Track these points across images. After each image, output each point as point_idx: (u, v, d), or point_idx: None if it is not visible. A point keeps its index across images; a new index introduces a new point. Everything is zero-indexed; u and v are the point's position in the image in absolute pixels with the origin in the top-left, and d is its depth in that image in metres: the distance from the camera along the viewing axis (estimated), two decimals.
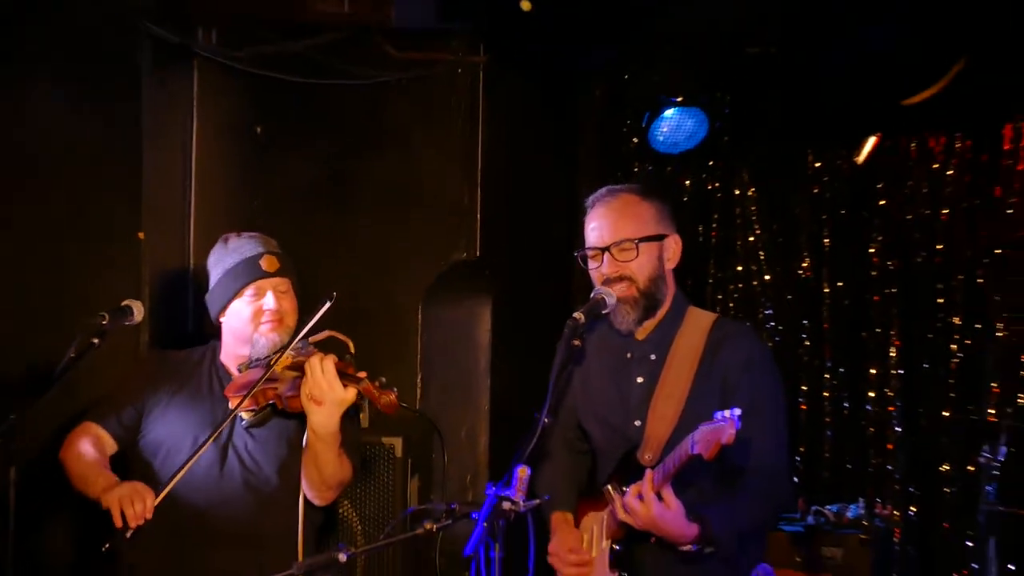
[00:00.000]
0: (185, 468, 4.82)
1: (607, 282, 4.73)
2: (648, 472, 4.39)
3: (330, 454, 4.93)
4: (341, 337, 4.94)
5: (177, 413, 5.14)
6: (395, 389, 4.82)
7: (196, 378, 5.22)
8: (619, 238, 4.69)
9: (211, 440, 4.93)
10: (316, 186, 6.38)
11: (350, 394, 4.80)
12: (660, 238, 4.72)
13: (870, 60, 6.17)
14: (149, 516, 4.86)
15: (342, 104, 6.46)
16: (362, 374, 4.80)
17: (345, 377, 4.76)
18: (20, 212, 5.88)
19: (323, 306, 4.76)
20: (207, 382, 5.21)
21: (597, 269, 4.71)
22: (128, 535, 4.88)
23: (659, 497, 4.37)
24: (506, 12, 5.80)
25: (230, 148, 6.57)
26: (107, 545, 4.88)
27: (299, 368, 4.89)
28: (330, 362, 4.78)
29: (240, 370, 5.16)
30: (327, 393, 4.79)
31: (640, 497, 4.38)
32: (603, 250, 4.69)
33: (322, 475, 4.96)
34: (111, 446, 5.09)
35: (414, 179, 6.41)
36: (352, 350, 4.98)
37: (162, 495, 4.87)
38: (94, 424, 5.17)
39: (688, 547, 4.50)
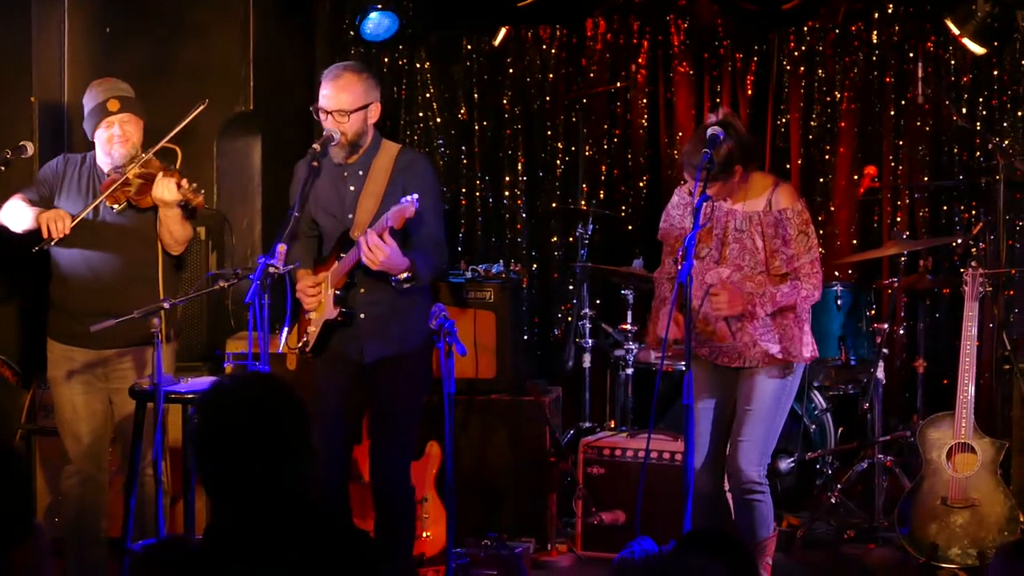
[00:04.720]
0: (79, 218, 5.73)
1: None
2: (371, 228, 5.23)
3: (174, 225, 5.87)
4: (172, 146, 6.02)
5: (72, 198, 5.98)
6: (203, 192, 5.85)
7: (81, 175, 6.02)
8: (338, 107, 5.45)
9: (88, 210, 5.80)
10: (146, 64, 7.27)
11: (178, 197, 5.75)
12: (366, 107, 5.49)
13: None
14: (67, 232, 5.73)
15: (161, 11, 7.56)
16: (184, 181, 5.77)
17: (179, 188, 5.75)
18: None
19: (195, 110, 5.86)
20: (87, 178, 6.01)
21: (324, 122, 5.51)
22: (53, 243, 5.77)
23: (382, 240, 5.18)
24: None
25: (90, 41, 7.52)
26: (35, 249, 5.79)
27: (146, 177, 5.79)
28: (170, 177, 5.77)
29: (108, 174, 5.94)
30: (167, 195, 5.78)
31: (374, 237, 5.20)
32: (328, 112, 5.49)
33: (173, 237, 5.93)
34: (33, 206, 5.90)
35: (211, 60, 7.45)
36: (180, 155, 6.04)
37: (76, 221, 5.75)
38: (19, 194, 6.00)
39: (402, 275, 5.32)
